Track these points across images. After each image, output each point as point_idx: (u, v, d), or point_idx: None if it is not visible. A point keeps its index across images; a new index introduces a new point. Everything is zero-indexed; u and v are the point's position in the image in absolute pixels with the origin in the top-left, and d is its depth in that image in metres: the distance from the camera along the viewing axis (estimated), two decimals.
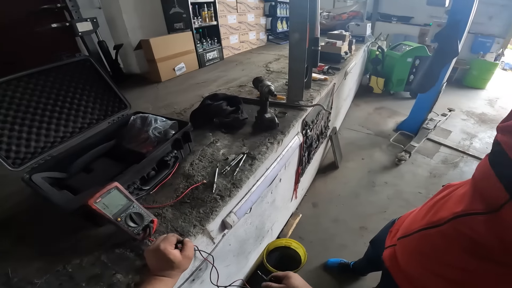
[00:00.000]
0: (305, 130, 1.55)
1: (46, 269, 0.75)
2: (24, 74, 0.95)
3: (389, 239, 0.96)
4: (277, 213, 1.76)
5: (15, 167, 0.89)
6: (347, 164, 2.77)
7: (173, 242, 0.65)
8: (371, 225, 2.05)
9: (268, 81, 1.22)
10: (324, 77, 1.86)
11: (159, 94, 1.97)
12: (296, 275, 0.74)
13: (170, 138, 1.01)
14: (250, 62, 2.43)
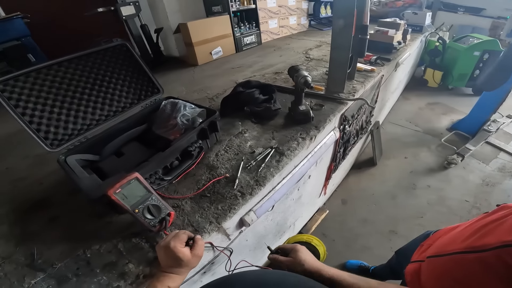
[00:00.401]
0: (343, 125, 1.40)
1: (68, 253, 0.78)
2: (64, 59, 0.97)
3: (417, 253, 0.87)
4: (302, 209, 1.67)
5: (53, 148, 0.92)
6: (387, 161, 2.53)
7: (183, 240, 0.63)
8: (402, 230, 1.88)
9: (304, 71, 1.10)
10: (371, 68, 1.65)
11: (194, 78, 1.96)
12: (304, 248, 0.71)
13: (196, 128, 0.97)
14: (289, 48, 2.27)
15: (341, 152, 1.62)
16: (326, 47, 2.11)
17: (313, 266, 0.65)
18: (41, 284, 0.71)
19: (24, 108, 0.89)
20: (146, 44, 2.33)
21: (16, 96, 0.87)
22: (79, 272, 0.73)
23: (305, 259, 0.67)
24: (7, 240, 0.87)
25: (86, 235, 0.83)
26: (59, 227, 0.88)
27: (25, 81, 0.89)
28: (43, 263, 0.77)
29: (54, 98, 0.96)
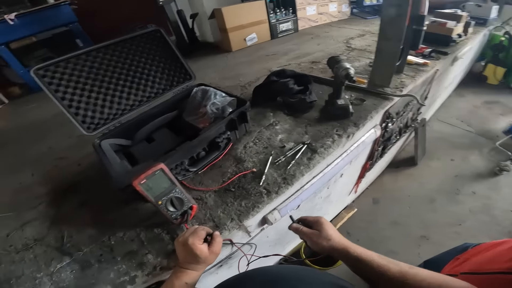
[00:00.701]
0: (385, 123, 1.25)
1: (95, 238, 0.80)
2: (101, 46, 0.98)
3: (450, 266, 0.79)
4: (329, 207, 1.58)
5: (89, 131, 0.95)
6: (429, 162, 2.28)
7: (202, 237, 0.62)
8: (435, 237, 1.71)
9: (346, 63, 0.98)
10: (423, 62, 1.45)
11: (227, 64, 1.91)
12: (328, 221, 0.67)
13: (226, 118, 0.93)
14: (328, 36, 2.11)
15: (380, 151, 1.47)
16: (370, 37, 1.92)
17: (339, 243, 0.60)
18: (66, 268, 0.74)
19: (63, 92, 0.92)
20: (182, 30, 2.33)
21: (56, 81, 0.90)
22: (102, 259, 0.75)
23: (332, 234, 0.63)
24: (42, 221, 0.92)
25: (113, 221, 0.85)
26: (90, 210, 0.91)
27: (65, 67, 0.92)
28: (71, 247, 0.79)
29: (92, 84, 0.98)
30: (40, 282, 0.73)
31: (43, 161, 1.27)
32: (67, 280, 0.72)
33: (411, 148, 2.23)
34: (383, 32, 1.11)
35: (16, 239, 0.87)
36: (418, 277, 0.48)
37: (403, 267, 0.51)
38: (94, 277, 0.72)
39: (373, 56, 1.26)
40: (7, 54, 2.17)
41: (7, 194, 1.11)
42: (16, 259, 0.80)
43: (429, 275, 0.48)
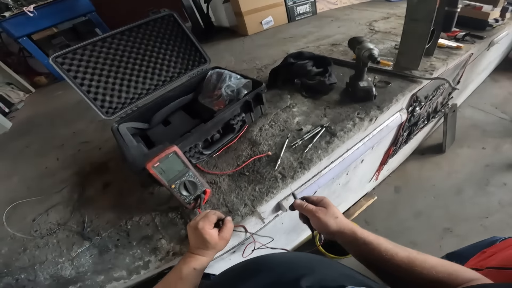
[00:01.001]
0: (412, 106, 1.17)
1: (113, 223, 0.82)
2: (116, 32, 0.98)
3: (476, 259, 0.77)
4: (348, 194, 1.53)
5: (108, 115, 0.97)
6: (459, 150, 2.14)
7: (213, 221, 0.60)
8: (459, 229, 1.61)
9: (370, 43, 0.90)
10: (456, 45, 1.33)
11: (244, 48, 1.87)
12: (332, 204, 0.62)
13: (240, 100, 0.90)
14: (349, 19, 1.98)
15: (405, 136, 1.39)
16: (395, 19, 1.79)
17: (346, 223, 0.57)
18: (85, 253, 0.76)
19: (82, 78, 0.93)
20: (197, 15, 2.30)
21: (74, 68, 0.91)
22: (119, 244, 0.76)
23: (338, 213, 0.59)
24: (66, 205, 0.95)
25: (130, 205, 0.86)
26: (110, 194, 0.93)
27: (82, 54, 0.93)
28: (91, 232, 0.81)
29: (109, 69, 0.99)
30: (61, 267, 0.75)
31: (67, 146, 1.32)
32: (86, 265, 0.74)
33: (439, 135, 2.08)
34: (411, 13, 1.02)
35: (41, 224, 0.91)
36: (427, 264, 0.45)
37: (412, 253, 0.48)
38: (110, 262, 0.73)
39: (398, 39, 1.18)
40: (30, 45, 2.25)
41: (34, 178, 1.16)
42: (40, 244, 0.84)
43: (439, 263, 0.45)
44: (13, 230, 0.90)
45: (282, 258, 0.48)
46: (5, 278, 0.77)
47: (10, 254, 0.84)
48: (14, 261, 0.81)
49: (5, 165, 1.36)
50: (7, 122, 1.87)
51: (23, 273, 0.77)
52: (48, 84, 2.51)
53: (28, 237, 0.87)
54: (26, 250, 0.83)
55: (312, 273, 0.37)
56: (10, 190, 1.14)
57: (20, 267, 0.79)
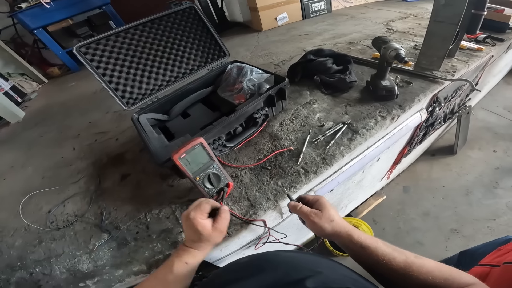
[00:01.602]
0: (432, 107, 1.16)
1: (132, 215, 0.80)
2: (139, 23, 0.98)
3: (492, 256, 0.76)
4: (360, 192, 1.52)
5: (128, 106, 0.97)
6: (469, 152, 2.13)
7: (205, 211, 0.56)
8: (466, 231, 1.61)
9: (396, 43, 0.91)
10: (477, 47, 1.32)
11: (259, 43, 1.86)
12: (329, 203, 0.60)
13: (263, 94, 0.89)
14: (365, 18, 1.97)
15: (420, 136, 1.39)
16: (413, 19, 1.78)
17: (342, 226, 0.54)
18: (103, 246, 0.75)
19: (104, 69, 0.94)
20: (211, 9, 2.30)
21: (97, 58, 0.92)
22: (138, 237, 0.75)
23: (334, 215, 0.56)
24: (83, 197, 0.94)
25: (150, 197, 0.85)
26: (128, 185, 0.93)
27: (106, 44, 0.94)
28: (109, 224, 0.80)
29: (130, 60, 0.99)
30: (79, 261, 0.74)
31: (83, 136, 1.33)
32: (105, 258, 0.73)
33: (451, 136, 2.07)
34: (436, 14, 1.02)
35: (57, 215, 0.90)
36: (424, 269, 0.44)
37: (409, 257, 0.46)
38: (129, 255, 0.72)
39: (418, 39, 1.17)
40: (45, 36, 2.26)
41: (50, 168, 1.16)
42: (56, 237, 0.82)
43: (436, 268, 0.44)
44: (29, 221, 0.89)
45: (287, 257, 0.46)
46: (18, 272, 0.75)
47: (25, 246, 0.82)
48: (28, 254, 0.79)
49: (19, 155, 1.36)
50: (20, 112, 1.89)
51: (38, 266, 0.76)
52: (61, 76, 2.53)
53: (43, 228, 0.86)
54: (42, 242, 0.82)
55: (318, 275, 0.36)
56: (25, 180, 1.13)
57: (35, 260, 0.77)
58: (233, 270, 0.47)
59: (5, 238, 0.87)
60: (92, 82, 2.05)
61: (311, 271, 0.37)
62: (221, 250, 0.82)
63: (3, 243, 0.86)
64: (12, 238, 0.86)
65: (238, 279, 0.39)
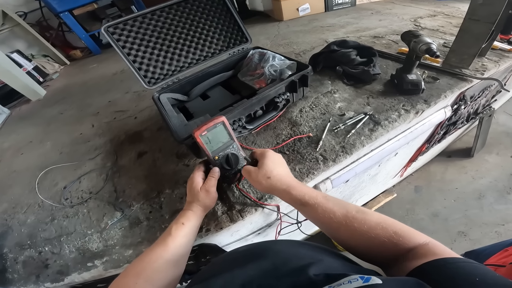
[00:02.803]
0: (457, 105, 1.13)
1: (146, 194, 0.80)
2: (165, 5, 0.99)
3: (498, 257, 0.77)
4: (372, 187, 1.50)
5: (150, 85, 0.98)
6: (487, 156, 2.08)
7: (201, 169, 0.64)
8: (474, 234, 1.61)
9: (428, 37, 0.90)
10: (509, 48, 1.28)
11: (279, 33, 1.85)
12: (276, 155, 0.58)
13: (286, 79, 0.88)
14: (391, 13, 1.92)
15: (440, 135, 1.35)
16: (443, 18, 1.72)
17: (280, 183, 0.52)
18: (115, 225, 0.75)
19: (129, 48, 0.95)
20: None
21: (124, 38, 0.93)
22: (150, 216, 0.74)
23: (272, 170, 0.53)
24: (99, 173, 0.95)
25: (165, 176, 0.85)
26: (144, 163, 0.93)
27: (132, 25, 0.95)
28: (123, 203, 0.80)
29: (155, 41, 1.00)
30: (89, 240, 0.74)
31: (102, 114, 1.35)
32: (116, 237, 0.72)
33: (469, 139, 2.04)
34: (472, 12, 0.99)
35: (72, 191, 0.90)
36: (366, 226, 0.40)
37: (350, 211, 0.43)
38: (140, 235, 0.71)
39: (447, 37, 1.15)
40: (70, 20, 2.31)
41: (68, 144, 1.18)
42: (70, 214, 0.82)
43: (379, 224, 0.40)
44: (43, 197, 0.90)
45: (286, 245, 0.46)
46: (27, 251, 0.75)
47: (37, 224, 0.82)
48: (39, 232, 0.79)
49: (38, 131, 1.39)
50: (41, 90, 1.95)
51: (47, 245, 0.75)
52: (82, 58, 2.60)
53: (57, 205, 0.86)
54: (54, 220, 0.82)
55: (319, 262, 0.35)
56: (42, 155, 1.16)
57: (46, 238, 0.77)
58: (231, 258, 0.46)
59: (18, 215, 0.88)
60: (113, 64, 2.10)
61: (311, 258, 0.37)
62: (231, 235, 0.82)
63: (15, 220, 0.86)
64: (24, 215, 0.87)
65: (237, 266, 0.38)
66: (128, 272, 0.47)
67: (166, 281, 0.48)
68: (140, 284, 0.44)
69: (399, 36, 1.38)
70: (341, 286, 0.27)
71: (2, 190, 1.02)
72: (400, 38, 0.97)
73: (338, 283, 0.28)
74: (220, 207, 0.73)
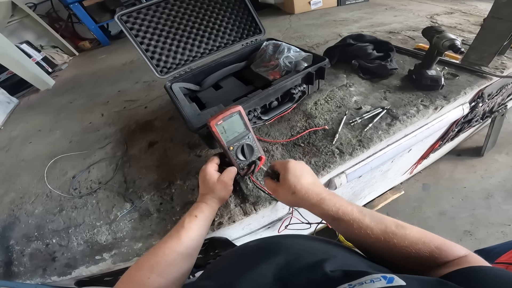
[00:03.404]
0: (475, 102, 1.11)
1: (156, 185, 0.78)
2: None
3: (508, 255, 0.77)
4: (381, 183, 1.49)
5: (162, 74, 0.97)
6: (497, 156, 2.07)
7: (215, 162, 0.63)
8: (480, 233, 1.61)
9: (451, 34, 0.88)
10: None
11: (291, 26, 1.82)
12: (298, 164, 0.52)
13: (302, 71, 0.85)
14: (406, 10, 1.89)
15: (454, 132, 1.34)
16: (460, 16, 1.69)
17: (308, 194, 0.47)
18: (125, 217, 0.73)
19: (142, 37, 0.94)
20: None
21: (137, 26, 0.92)
22: (161, 208, 0.72)
23: (296, 184, 0.48)
24: (109, 163, 0.93)
25: (176, 167, 0.83)
26: (155, 153, 0.91)
27: (146, 14, 0.94)
28: (133, 193, 0.78)
29: (168, 30, 0.99)
30: (98, 232, 0.72)
31: (112, 103, 1.33)
32: (125, 229, 0.70)
33: (480, 138, 2.01)
34: (496, 10, 0.98)
35: (81, 181, 0.88)
36: (406, 242, 0.38)
37: (389, 226, 0.40)
38: (151, 228, 0.69)
39: (465, 35, 1.15)
40: (80, 11, 2.29)
41: (77, 133, 1.16)
42: (78, 205, 0.80)
43: (420, 239, 0.38)
44: (52, 187, 0.88)
45: (298, 240, 0.44)
46: (34, 243, 0.73)
47: (45, 215, 0.81)
48: (47, 223, 0.78)
49: (47, 120, 1.38)
50: (50, 80, 1.94)
51: (55, 237, 0.74)
52: (91, 49, 2.60)
53: (66, 195, 0.85)
54: (63, 211, 0.80)
55: (333, 258, 0.33)
56: (52, 144, 1.15)
57: (54, 230, 0.75)
58: (243, 253, 0.44)
59: (25, 205, 0.86)
60: (122, 55, 2.09)
61: (325, 254, 0.35)
62: (243, 229, 0.80)
63: (22, 211, 0.84)
64: (32, 205, 0.85)
65: (250, 261, 0.37)
66: (141, 265, 0.46)
67: (178, 275, 0.47)
68: (153, 278, 0.43)
69: (415, 32, 1.36)
70: (363, 285, 0.26)
71: (10, 179, 1.00)
72: (421, 34, 0.95)
73: (360, 282, 0.26)
74: (233, 199, 0.71)
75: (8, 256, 0.73)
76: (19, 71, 1.73)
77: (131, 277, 0.44)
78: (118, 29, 2.77)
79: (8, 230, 0.79)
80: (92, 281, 0.72)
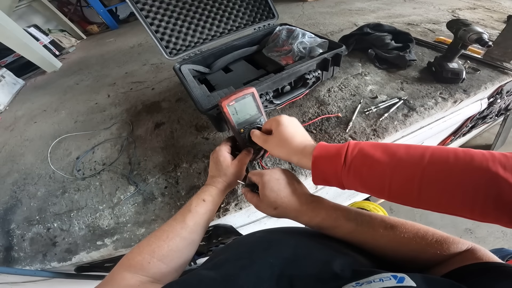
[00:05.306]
0: (494, 98, 1.08)
1: (162, 168, 0.76)
2: None
3: None
4: None
5: (171, 56, 0.95)
6: None
7: (229, 144, 0.61)
8: (480, 232, 1.65)
9: (479, 27, 0.85)
10: None
11: (304, 13, 1.79)
12: (275, 172, 0.48)
13: (318, 56, 0.83)
14: (427, 2, 1.83)
15: (468, 128, 1.31)
16: (483, 11, 1.64)
17: (290, 211, 0.44)
18: (128, 200, 0.71)
19: (152, 18, 0.92)
20: None
21: (147, 7, 0.90)
22: (166, 192, 0.70)
23: (276, 200, 0.44)
24: (114, 144, 0.92)
25: (182, 149, 0.81)
26: (161, 134, 0.90)
27: None
28: (137, 176, 0.76)
29: (179, 11, 0.97)
30: (100, 216, 0.70)
31: (119, 84, 1.32)
32: (128, 214, 0.69)
33: (489, 135, 2.02)
34: None
35: (85, 162, 0.87)
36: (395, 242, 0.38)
37: (377, 229, 0.39)
38: (154, 212, 0.67)
39: (488, 30, 1.13)
40: None
41: (83, 113, 1.15)
42: (81, 187, 0.78)
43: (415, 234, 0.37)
44: (55, 167, 0.87)
45: (306, 235, 0.42)
46: (35, 227, 0.72)
47: (47, 197, 0.79)
48: (49, 206, 0.76)
49: (53, 100, 1.37)
50: (57, 62, 1.93)
51: (57, 221, 0.72)
52: (99, 33, 2.59)
53: (69, 177, 0.83)
54: (65, 193, 0.78)
55: (343, 257, 0.32)
56: (56, 124, 1.14)
57: (55, 213, 0.74)
58: (249, 242, 0.42)
59: (28, 186, 0.85)
60: (130, 38, 2.07)
61: (334, 252, 0.34)
62: (248, 216, 0.79)
63: (25, 193, 0.83)
64: (35, 187, 0.84)
65: (256, 254, 0.35)
66: (142, 248, 0.44)
67: (180, 261, 0.45)
68: (154, 263, 0.41)
69: (436, 25, 1.32)
70: (371, 283, 0.24)
71: (13, 159, 0.99)
72: (446, 26, 0.92)
73: (368, 280, 0.25)
74: (241, 185, 0.68)
75: (8, 241, 0.71)
76: (26, 54, 1.73)
77: (131, 260, 0.42)
78: (126, 13, 2.75)
79: (10, 213, 0.78)
80: (92, 267, 0.71)
